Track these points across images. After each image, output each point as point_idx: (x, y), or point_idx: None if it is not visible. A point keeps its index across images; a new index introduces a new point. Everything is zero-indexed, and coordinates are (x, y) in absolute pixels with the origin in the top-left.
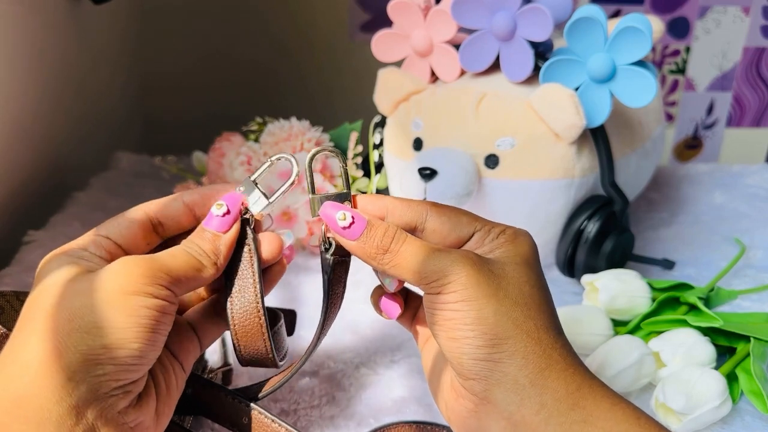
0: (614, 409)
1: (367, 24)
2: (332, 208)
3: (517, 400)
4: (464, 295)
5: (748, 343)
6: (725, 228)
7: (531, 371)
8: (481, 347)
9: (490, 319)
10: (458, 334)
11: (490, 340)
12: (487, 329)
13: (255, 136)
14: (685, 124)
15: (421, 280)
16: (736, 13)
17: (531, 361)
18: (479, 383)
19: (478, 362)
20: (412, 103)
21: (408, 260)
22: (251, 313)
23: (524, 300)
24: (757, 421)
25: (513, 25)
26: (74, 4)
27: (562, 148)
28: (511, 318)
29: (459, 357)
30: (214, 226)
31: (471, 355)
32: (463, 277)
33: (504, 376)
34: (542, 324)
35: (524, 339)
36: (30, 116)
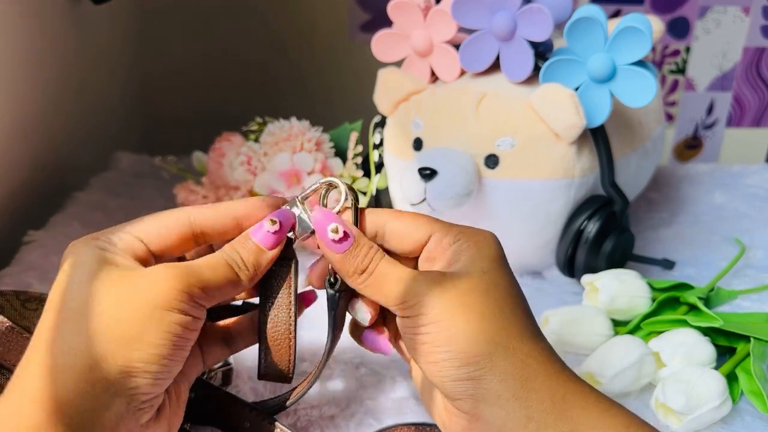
0: (603, 416)
1: (367, 24)
2: (324, 218)
3: (503, 415)
4: (433, 317)
5: (748, 343)
6: (725, 228)
7: (512, 384)
8: (460, 367)
9: (462, 338)
10: (435, 357)
11: (466, 358)
12: (461, 348)
13: (255, 136)
14: (685, 124)
15: (392, 302)
16: (736, 13)
17: (510, 374)
18: (466, 402)
19: (460, 382)
20: (412, 103)
21: (380, 282)
22: (283, 333)
23: (495, 311)
24: (757, 421)
25: (513, 25)
26: (74, 4)
27: (562, 148)
28: (483, 333)
29: (441, 380)
30: (261, 239)
31: (451, 376)
32: (430, 298)
33: (487, 393)
34: (516, 332)
35: (500, 352)
36: (30, 116)
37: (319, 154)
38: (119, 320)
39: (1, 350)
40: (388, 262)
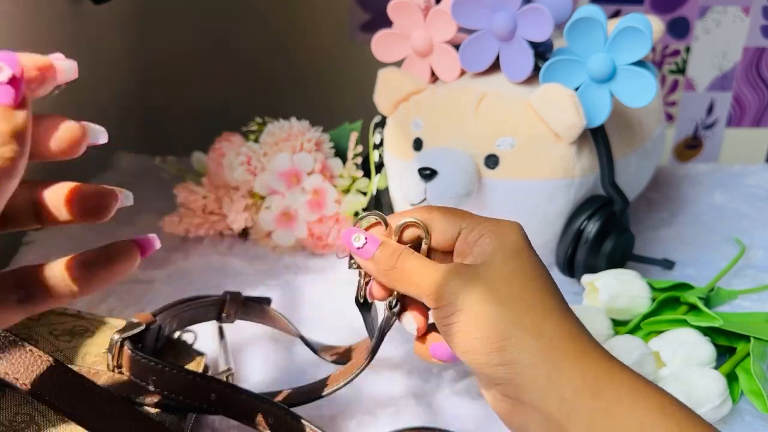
0: (637, 396)
1: (367, 24)
2: (348, 232)
3: (539, 397)
4: (459, 305)
5: (748, 342)
6: (725, 228)
7: (543, 367)
8: (491, 353)
9: (488, 323)
10: (468, 346)
11: (495, 344)
12: (488, 333)
13: (255, 136)
14: (685, 124)
15: (423, 293)
16: (736, 13)
17: (539, 356)
18: (505, 387)
19: (494, 368)
20: (412, 103)
21: (408, 276)
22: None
23: (517, 295)
24: (757, 420)
25: (513, 25)
26: (74, 4)
27: (562, 148)
28: (508, 317)
29: (478, 367)
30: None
31: (485, 363)
32: (455, 288)
33: (521, 377)
34: (541, 315)
35: (525, 336)
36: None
37: (319, 154)
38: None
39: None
40: (415, 257)
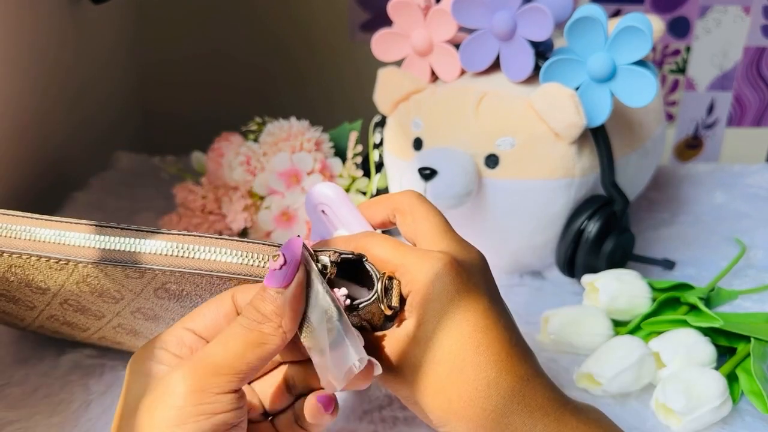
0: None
1: (367, 24)
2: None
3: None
4: (394, 384)
5: (748, 343)
6: (726, 228)
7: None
8: (434, 425)
9: (427, 408)
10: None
11: (434, 421)
12: (430, 415)
13: (254, 136)
14: (686, 124)
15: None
16: (736, 12)
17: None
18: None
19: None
20: (411, 102)
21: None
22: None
23: (447, 372)
24: (757, 421)
25: (513, 24)
26: (74, 4)
27: (563, 147)
28: (446, 400)
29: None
30: (271, 281)
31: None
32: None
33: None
34: (479, 393)
35: (468, 419)
36: (29, 116)
37: (319, 154)
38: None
39: None
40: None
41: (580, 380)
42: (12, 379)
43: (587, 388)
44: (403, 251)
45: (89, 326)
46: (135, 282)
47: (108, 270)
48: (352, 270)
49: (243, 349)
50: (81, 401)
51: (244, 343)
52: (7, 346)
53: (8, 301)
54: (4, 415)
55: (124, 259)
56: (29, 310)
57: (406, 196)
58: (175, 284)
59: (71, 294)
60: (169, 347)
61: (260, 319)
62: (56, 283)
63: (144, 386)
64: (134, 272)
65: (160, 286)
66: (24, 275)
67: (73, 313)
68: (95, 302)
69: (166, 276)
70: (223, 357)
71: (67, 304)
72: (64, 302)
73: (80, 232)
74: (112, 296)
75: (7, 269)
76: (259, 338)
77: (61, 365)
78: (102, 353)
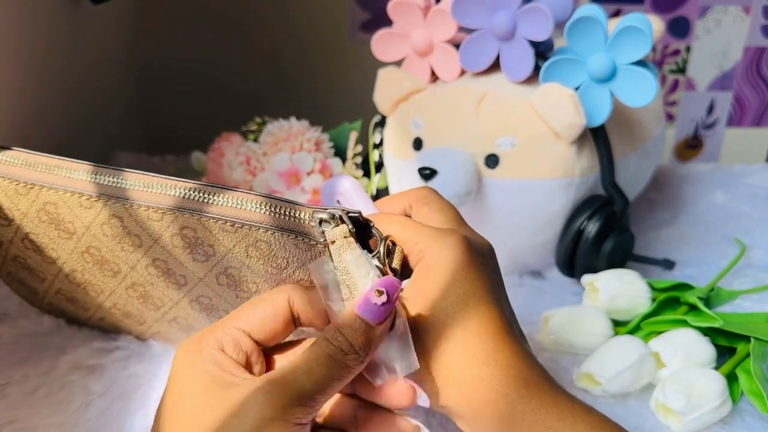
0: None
1: (367, 24)
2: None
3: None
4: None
5: (748, 343)
6: (726, 228)
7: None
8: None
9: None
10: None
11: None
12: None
13: (254, 136)
14: (686, 124)
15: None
16: (736, 12)
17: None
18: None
19: (437, 408)
20: (411, 102)
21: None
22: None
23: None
24: (757, 421)
25: (513, 24)
26: (73, 4)
27: (562, 147)
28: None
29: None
30: (371, 315)
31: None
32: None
33: (454, 415)
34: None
35: (455, 388)
36: (29, 116)
37: (319, 154)
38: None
39: None
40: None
41: (580, 380)
42: (12, 379)
43: (587, 388)
44: (420, 228)
45: (103, 288)
46: (155, 225)
47: (132, 210)
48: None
49: (326, 380)
50: (81, 401)
51: (327, 373)
52: (7, 346)
53: (24, 268)
54: (4, 415)
55: (144, 199)
56: (50, 264)
57: (423, 190)
58: (191, 230)
59: (94, 239)
60: (227, 350)
61: (348, 350)
62: (83, 224)
63: (201, 387)
64: (155, 212)
65: (178, 232)
66: (56, 214)
67: (92, 267)
68: (114, 251)
69: (185, 219)
70: (308, 386)
71: (88, 254)
72: (86, 251)
73: (109, 175)
74: (131, 242)
75: (41, 207)
76: (343, 371)
77: (61, 365)
78: (102, 353)
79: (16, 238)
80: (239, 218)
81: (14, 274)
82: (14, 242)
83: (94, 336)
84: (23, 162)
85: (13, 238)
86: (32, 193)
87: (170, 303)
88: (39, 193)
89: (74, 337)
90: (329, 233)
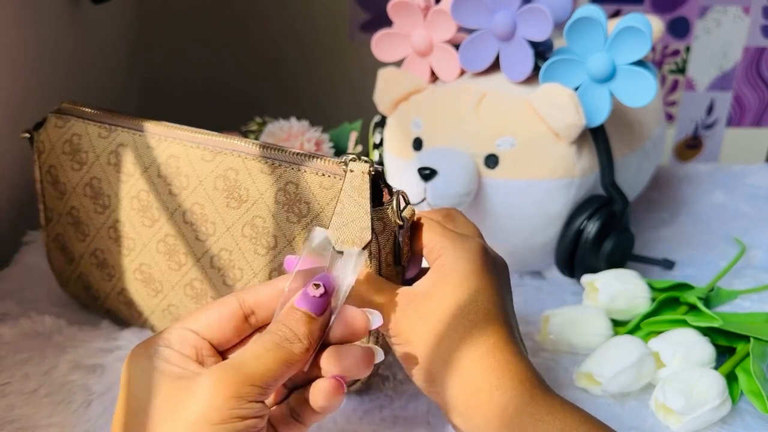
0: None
1: (367, 24)
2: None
3: (462, 422)
4: (407, 339)
5: (747, 343)
6: (725, 228)
7: (463, 401)
8: (424, 383)
9: (424, 359)
10: (410, 371)
11: (427, 377)
12: (424, 367)
13: (254, 135)
14: (685, 124)
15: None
16: (736, 12)
17: (459, 391)
18: (439, 405)
19: (428, 393)
20: (411, 102)
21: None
22: None
23: (453, 331)
24: (757, 421)
25: (513, 24)
26: (74, 4)
27: (562, 147)
28: (440, 356)
29: (418, 387)
30: (309, 306)
31: (422, 387)
32: (405, 324)
33: (446, 405)
34: (470, 352)
35: (449, 375)
36: (29, 116)
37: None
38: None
39: None
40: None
41: (580, 380)
42: (12, 379)
43: (587, 387)
44: (444, 230)
45: (137, 242)
46: (204, 165)
47: (187, 150)
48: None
49: (274, 364)
50: (81, 401)
51: (275, 358)
52: (8, 345)
53: (72, 224)
54: (4, 415)
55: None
56: (100, 215)
57: (449, 208)
58: (234, 171)
59: (148, 183)
60: (174, 346)
61: (292, 339)
62: (143, 166)
63: (152, 383)
64: (209, 153)
65: (222, 174)
66: (122, 156)
67: (135, 215)
68: (161, 195)
69: (229, 160)
70: (256, 369)
71: (137, 200)
72: (136, 196)
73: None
74: (179, 184)
75: (113, 150)
76: (289, 357)
77: (62, 365)
78: (102, 353)
79: (80, 185)
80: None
81: (61, 236)
82: (77, 190)
83: (94, 336)
84: (105, 113)
85: (77, 185)
86: (111, 136)
87: (192, 260)
88: (117, 136)
89: (75, 336)
90: (351, 164)
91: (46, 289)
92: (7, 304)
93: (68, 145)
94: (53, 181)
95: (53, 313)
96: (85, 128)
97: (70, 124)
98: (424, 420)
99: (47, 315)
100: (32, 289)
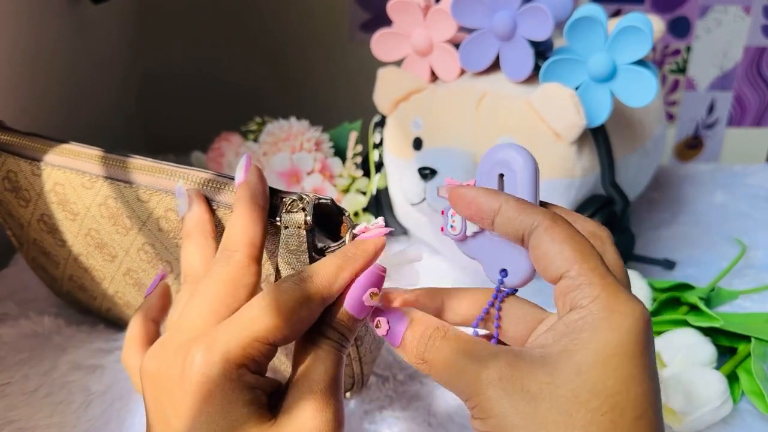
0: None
1: (367, 24)
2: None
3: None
4: (488, 425)
5: (748, 343)
6: (726, 228)
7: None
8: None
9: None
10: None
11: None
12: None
13: (254, 135)
14: (686, 124)
15: (456, 394)
16: (737, 12)
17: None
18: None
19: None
20: (411, 102)
21: (440, 371)
22: None
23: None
24: (757, 421)
25: (513, 24)
26: (73, 4)
27: (563, 147)
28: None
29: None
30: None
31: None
32: (486, 401)
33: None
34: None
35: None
36: (29, 116)
37: (319, 154)
38: None
39: None
40: (446, 345)
41: None
42: (12, 379)
43: None
44: (603, 274)
45: (105, 273)
46: (142, 206)
47: (123, 189)
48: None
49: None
50: (81, 401)
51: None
52: (8, 346)
53: (42, 253)
54: (4, 415)
55: (125, 178)
56: (61, 248)
57: (602, 229)
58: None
59: (94, 222)
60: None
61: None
62: (84, 206)
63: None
64: (145, 193)
65: (163, 214)
66: (63, 194)
67: (94, 250)
68: (110, 234)
69: (168, 202)
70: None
71: (90, 237)
72: (87, 234)
73: (113, 161)
74: (124, 224)
75: (51, 188)
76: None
77: (61, 365)
78: (102, 353)
79: (33, 220)
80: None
81: (36, 259)
82: (32, 224)
83: (94, 336)
84: (39, 144)
85: (30, 220)
86: (45, 174)
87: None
88: (51, 173)
89: (74, 337)
90: (285, 218)
91: (46, 290)
92: (6, 304)
93: (8, 182)
94: (9, 213)
95: (52, 314)
96: (17, 164)
97: (2, 159)
98: (425, 421)
99: (46, 315)
100: (32, 290)
